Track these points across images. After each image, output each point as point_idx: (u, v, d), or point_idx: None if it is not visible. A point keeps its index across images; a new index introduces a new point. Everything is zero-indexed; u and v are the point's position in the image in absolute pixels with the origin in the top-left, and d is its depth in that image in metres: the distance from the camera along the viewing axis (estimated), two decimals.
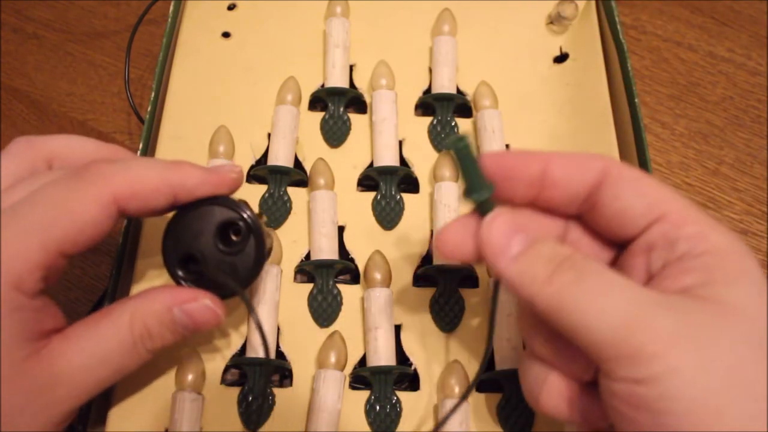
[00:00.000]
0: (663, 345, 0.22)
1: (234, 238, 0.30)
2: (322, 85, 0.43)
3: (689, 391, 0.21)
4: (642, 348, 0.22)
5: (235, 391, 0.34)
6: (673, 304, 0.23)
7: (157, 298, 0.28)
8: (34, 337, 0.25)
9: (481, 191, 0.27)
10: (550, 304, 0.24)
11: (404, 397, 0.34)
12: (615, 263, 0.28)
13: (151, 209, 0.28)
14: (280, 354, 0.35)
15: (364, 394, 0.34)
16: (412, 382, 0.35)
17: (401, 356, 0.36)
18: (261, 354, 0.34)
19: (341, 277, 0.38)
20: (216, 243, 0.29)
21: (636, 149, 0.39)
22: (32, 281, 0.25)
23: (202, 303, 0.29)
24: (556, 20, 0.44)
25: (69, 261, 0.27)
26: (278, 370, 0.35)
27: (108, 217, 0.26)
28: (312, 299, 0.36)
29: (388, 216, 0.39)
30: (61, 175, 0.27)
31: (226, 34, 0.44)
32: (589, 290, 0.23)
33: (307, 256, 0.38)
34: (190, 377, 0.33)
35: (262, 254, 0.30)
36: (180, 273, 0.29)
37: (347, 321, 0.36)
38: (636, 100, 0.40)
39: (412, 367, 0.35)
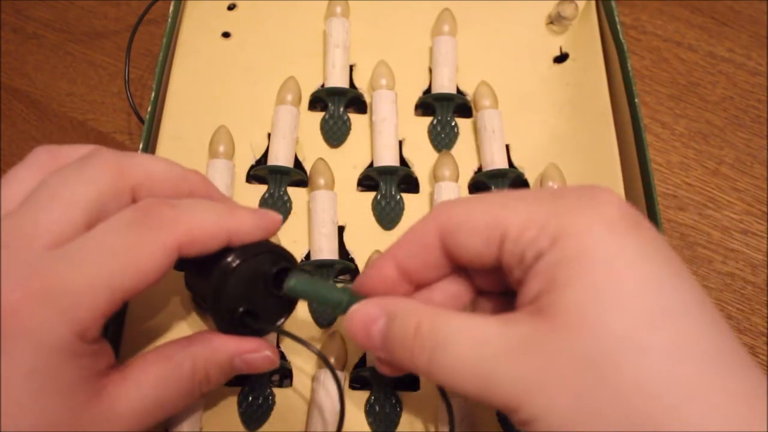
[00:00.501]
0: (515, 399, 0.22)
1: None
2: (322, 85, 0.43)
3: (554, 428, 0.21)
4: (502, 403, 0.22)
5: (235, 391, 0.34)
6: (515, 340, 0.22)
7: (222, 349, 0.28)
8: (92, 380, 0.25)
9: (341, 303, 0.27)
10: (431, 378, 0.25)
11: (404, 397, 0.34)
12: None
13: (205, 252, 0.27)
14: (280, 354, 0.35)
15: (364, 394, 0.34)
16: (412, 381, 0.35)
17: None
18: None
19: (341, 277, 0.38)
20: (268, 293, 0.29)
21: (636, 149, 0.39)
22: (95, 330, 0.25)
23: (263, 354, 0.29)
24: (556, 20, 0.44)
25: None
26: (278, 370, 0.35)
27: (169, 264, 0.26)
28: None
29: (388, 216, 0.39)
30: (125, 219, 0.25)
31: (226, 34, 0.44)
32: (445, 363, 0.24)
33: (307, 256, 0.38)
34: None
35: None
36: (239, 329, 0.29)
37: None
38: (636, 100, 0.40)
39: None
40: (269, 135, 0.41)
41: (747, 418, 0.20)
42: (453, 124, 0.42)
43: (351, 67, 0.43)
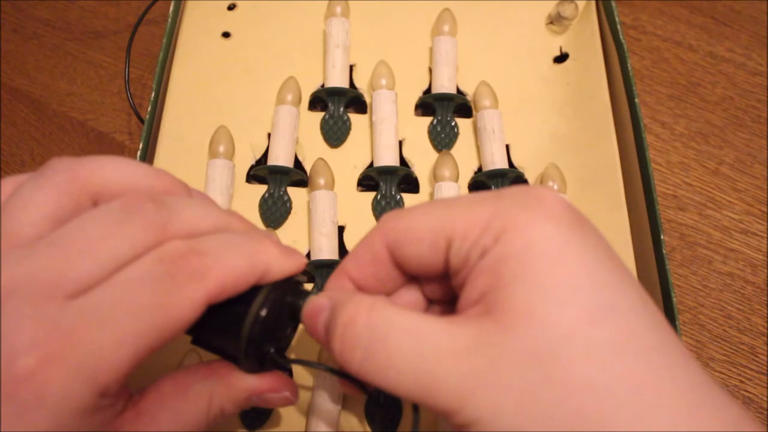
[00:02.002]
0: (457, 400, 0.21)
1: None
2: (322, 85, 0.43)
3: (498, 429, 0.21)
4: (442, 407, 0.22)
5: None
6: (460, 339, 0.22)
7: (241, 387, 0.27)
8: (108, 426, 0.24)
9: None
10: (366, 378, 0.23)
11: None
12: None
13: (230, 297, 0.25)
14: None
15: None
16: None
17: None
18: None
19: None
20: (288, 322, 0.28)
21: (636, 149, 0.39)
22: (117, 386, 0.23)
23: (282, 395, 0.28)
24: (556, 20, 0.44)
25: None
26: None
27: (196, 317, 0.24)
28: None
29: None
30: (153, 273, 0.23)
31: (226, 34, 0.44)
32: (381, 358, 0.23)
33: (307, 256, 0.38)
34: None
35: None
36: (267, 367, 0.28)
37: None
38: (636, 100, 0.40)
39: None
40: (269, 135, 0.41)
41: (693, 409, 0.20)
42: (453, 124, 0.42)
43: (351, 67, 0.43)
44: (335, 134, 0.41)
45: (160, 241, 0.24)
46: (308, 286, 0.37)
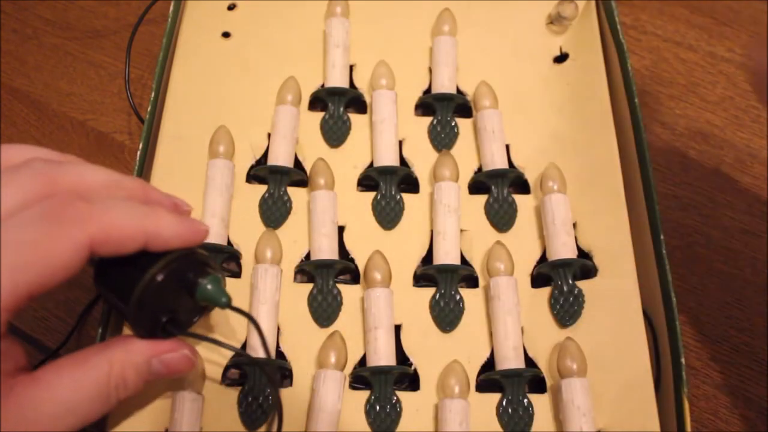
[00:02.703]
0: None
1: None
2: (322, 85, 0.43)
3: None
4: None
5: (235, 391, 0.34)
6: None
7: (139, 351, 0.28)
8: None
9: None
10: None
11: (404, 397, 0.34)
12: None
13: (120, 253, 0.27)
14: (280, 354, 0.35)
15: (364, 394, 0.34)
16: (412, 382, 0.35)
17: (401, 356, 0.36)
18: (261, 354, 0.34)
19: (341, 277, 0.38)
20: (189, 299, 0.29)
21: (636, 149, 0.39)
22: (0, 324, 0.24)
23: (181, 353, 0.29)
24: (556, 20, 0.44)
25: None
26: (278, 370, 0.35)
27: (80, 261, 0.25)
28: (312, 299, 0.36)
29: (388, 216, 0.39)
30: (35, 214, 0.25)
31: (226, 34, 0.44)
32: None
33: (307, 256, 0.38)
34: (189, 377, 0.33)
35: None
36: (160, 336, 0.29)
37: (347, 321, 0.36)
38: (636, 100, 0.40)
39: (412, 367, 0.35)
40: (269, 135, 0.41)
41: None
42: (453, 124, 0.42)
43: (351, 67, 0.43)
44: (335, 134, 0.41)
45: (50, 191, 0.26)
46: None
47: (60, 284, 0.25)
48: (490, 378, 0.35)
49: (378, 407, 0.34)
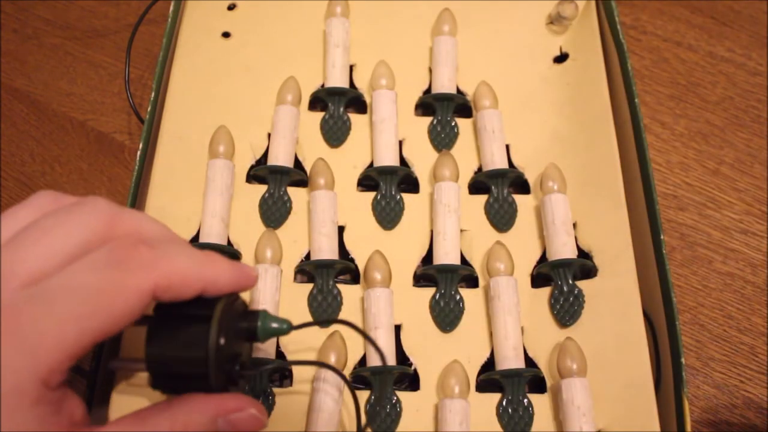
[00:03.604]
0: None
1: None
2: (322, 85, 0.43)
3: None
4: None
5: None
6: None
7: (202, 410, 0.26)
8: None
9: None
10: None
11: (404, 397, 0.34)
12: None
13: (177, 299, 0.26)
14: (280, 354, 0.35)
15: (364, 394, 0.34)
16: (412, 382, 0.35)
17: (401, 356, 0.36)
18: (261, 354, 0.34)
19: (341, 277, 0.38)
20: (245, 343, 0.29)
21: (636, 149, 0.39)
22: (60, 373, 0.23)
23: (248, 413, 0.27)
24: (556, 20, 0.44)
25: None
26: (278, 370, 0.35)
27: (143, 307, 0.25)
28: (312, 299, 0.36)
29: (388, 216, 0.39)
30: (101, 259, 0.24)
31: (226, 34, 0.44)
32: None
33: (307, 256, 0.38)
34: None
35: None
36: (238, 381, 0.28)
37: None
38: (636, 100, 0.40)
39: (412, 367, 0.35)
40: (269, 135, 0.41)
41: None
42: (453, 124, 0.42)
43: (351, 67, 0.43)
44: (335, 134, 0.41)
45: (110, 231, 0.25)
46: (309, 286, 0.37)
47: (121, 330, 0.25)
48: (490, 378, 0.35)
49: (378, 407, 0.34)
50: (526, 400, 0.34)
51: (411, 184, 0.40)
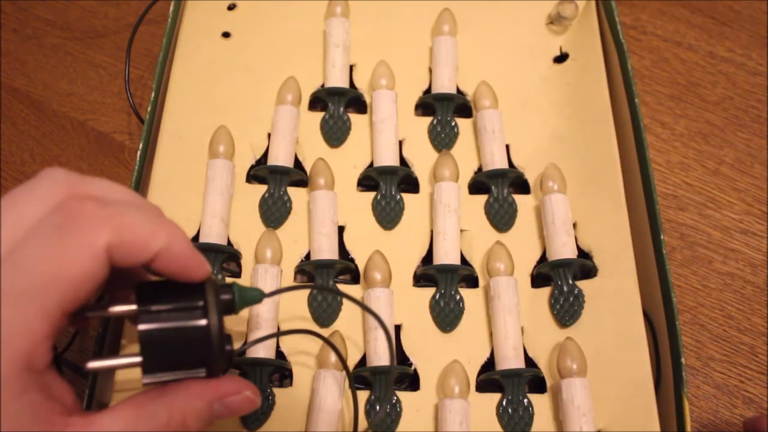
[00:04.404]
0: None
1: None
2: (322, 85, 0.43)
3: None
4: None
5: None
6: None
7: (200, 395, 0.26)
8: (46, 420, 0.23)
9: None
10: None
11: (404, 397, 0.34)
12: None
13: (133, 265, 0.25)
14: (280, 354, 0.35)
15: (364, 394, 0.34)
16: (412, 382, 0.35)
17: (401, 356, 0.36)
18: (261, 354, 0.34)
19: (341, 277, 0.38)
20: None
21: (636, 149, 0.39)
22: (41, 354, 0.22)
23: (244, 396, 0.27)
24: (556, 20, 0.44)
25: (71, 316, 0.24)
26: (278, 370, 0.35)
27: (102, 267, 0.23)
28: (313, 299, 0.36)
29: (388, 216, 0.39)
30: (46, 226, 0.23)
31: (226, 34, 0.44)
32: None
33: (307, 256, 0.38)
34: None
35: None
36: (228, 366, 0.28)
37: (347, 321, 0.36)
38: (636, 100, 0.40)
39: (412, 367, 0.35)
40: (269, 135, 0.41)
41: None
42: (453, 124, 0.42)
43: (351, 67, 0.43)
44: (335, 134, 0.41)
45: (69, 197, 0.24)
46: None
47: (95, 293, 0.24)
48: (490, 378, 0.35)
49: (378, 407, 0.34)
50: (526, 400, 0.34)
51: (411, 184, 0.40)
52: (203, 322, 0.25)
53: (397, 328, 0.36)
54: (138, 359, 0.25)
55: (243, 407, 0.27)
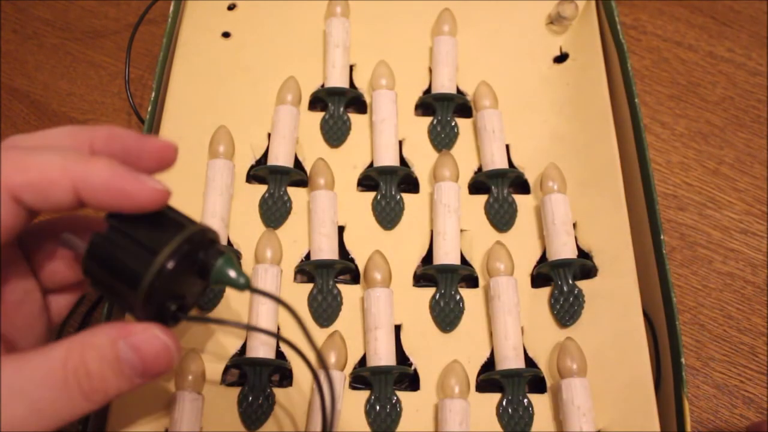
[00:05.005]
0: None
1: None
2: (322, 85, 0.43)
3: None
4: None
5: (235, 391, 0.34)
6: None
7: (101, 331, 0.24)
8: None
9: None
10: None
11: (404, 397, 0.34)
12: None
13: (53, 205, 0.23)
14: (280, 354, 0.35)
15: (364, 394, 0.34)
16: (412, 382, 0.35)
17: (401, 356, 0.36)
18: (261, 354, 0.34)
19: (341, 277, 0.38)
20: (198, 282, 0.26)
21: (636, 149, 0.39)
22: None
23: (151, 334, 0.24)
24: (556, 20, 0.44)
25: None
26: (278, 370, 0.35)
27: (13, 214, 0.23)
28: (312, 299, 0.36)
29: (388, 216, 0.39)
30: None
31: (226, 34, 0.44)
32: None
33: (307, 256, 0.38)
34: (190, 377, 0.33)
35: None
36: (170, 322, 0.25)
37: (347, 321, 0.36)
38: (636, 100, 0.40)
39: (412, 367, 0.35)
40: (269, 135, 0.41)
41: None
42: (453, 124, 0.42)
43: (351, 67, 0.43)
44: (335, 134, 0.41)
45: None
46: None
47: (8, 241, 0.23)
48: (490, 378, 0.35)
49: (378, 407, 0.34)
50: (526, 400, 0.34)
51: (411, 184, 0.40)
52: (146, 257, 0.24)
53: (397, 328, 0.36)
54: (82, 249, 0.24)
55: (152, 349, 0.24)
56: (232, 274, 0.25)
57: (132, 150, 0.26)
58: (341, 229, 0.39)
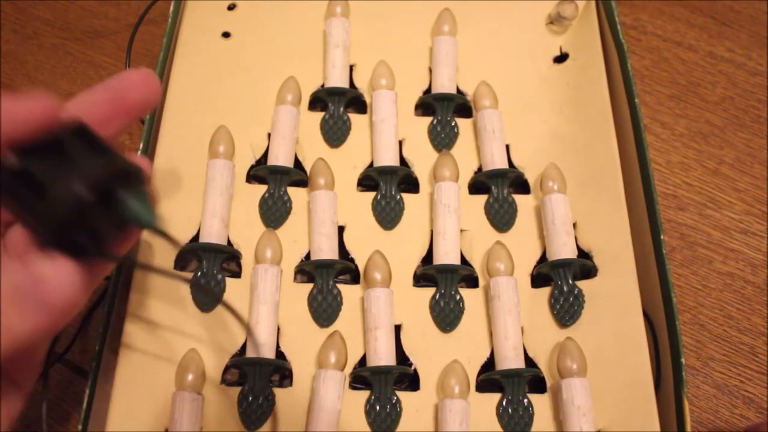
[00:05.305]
0: None
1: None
2: (322, 85, 0.43)
3: None
4: None
5: (235, 391, 0.34)
6: None
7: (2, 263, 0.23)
8: None
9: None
10: None
11: (404, 397, 0.34)
12: None
13: None
14: (280, 354, 0.35)
15: (364, 394, 0.34)
16: (412, 382, 0.35)
17: (401, 356, 0.36)
18: (259, 354, 0.34)
19: (341, 277, 0.38)
20: (109, 213, 0.25)
21: (636, 149, 0.39)
22: None
23: (59, 264, 0.23)
24: (556, 20, 0.44)
25: None
26: (278, 370, 0.35)
27: None
28: (312, 299, 0.36)
29: (388, 216, 0.39)
30: None
31: (226, 34, 0.44)
32: None
33: (307, 256, 0.38)
34: (190, 377, 0.33)
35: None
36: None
37: (347, 321, 0.36)
38: (636, 100, 0.40)
39: (412, 367, 0.35)
40: (269, 135, 0.41)
41: None
42: (453, 124, 0.42)
43: (351, 67, 0.43)
44: (335, 134, 0.41)
45: None
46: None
47: None
48: (490, 378, 0.35)
49: (378, 407, 0.34)
50: (526, 400, 0.34)
51: (411, 184, 0.40)
52: (57, 189, 0.22)
53: (397, 328, 0.36)
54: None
55: (57, 283, 0.23)
56: (139, 208, 0.24)
57: (115, 89, 0.26)
58: (341, 229, 0.39)
